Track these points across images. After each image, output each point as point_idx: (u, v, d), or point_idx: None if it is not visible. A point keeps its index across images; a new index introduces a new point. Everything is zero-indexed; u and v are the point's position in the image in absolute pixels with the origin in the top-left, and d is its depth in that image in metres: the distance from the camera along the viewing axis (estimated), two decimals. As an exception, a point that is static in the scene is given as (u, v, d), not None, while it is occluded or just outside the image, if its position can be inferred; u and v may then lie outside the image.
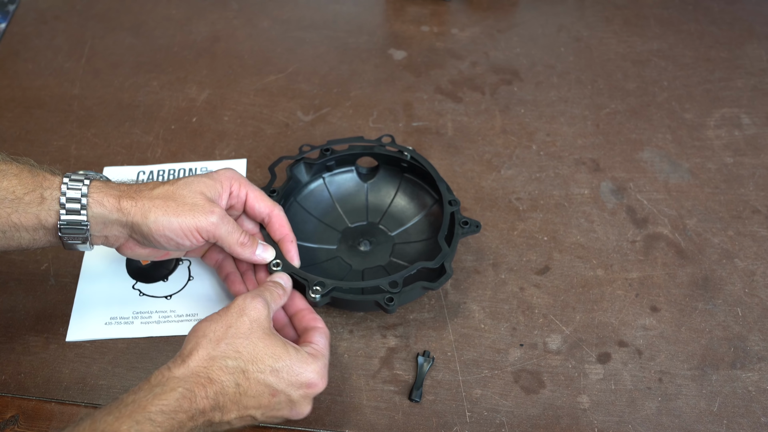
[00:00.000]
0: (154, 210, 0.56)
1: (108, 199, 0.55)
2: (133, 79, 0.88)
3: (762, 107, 0.84)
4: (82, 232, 0.56)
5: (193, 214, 0.56)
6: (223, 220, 0.58)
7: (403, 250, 0.70)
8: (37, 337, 0.65)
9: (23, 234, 0.55)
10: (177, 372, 0.49)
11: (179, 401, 0.48)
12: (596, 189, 0.77)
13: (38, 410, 0.61)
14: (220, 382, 0.50)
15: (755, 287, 0.69)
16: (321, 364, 0.54)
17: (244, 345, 0.51)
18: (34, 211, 0.54)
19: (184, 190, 0.57)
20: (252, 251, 0.61)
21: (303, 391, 0.53)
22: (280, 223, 0.63)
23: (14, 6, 0.98)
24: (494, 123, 0.83)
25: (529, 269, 0.70)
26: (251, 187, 0.62)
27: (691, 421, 0.60)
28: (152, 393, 0.48)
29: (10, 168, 0.55)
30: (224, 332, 0.52)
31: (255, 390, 0.51)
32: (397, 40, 0.93)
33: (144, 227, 0.56)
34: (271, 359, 0.51)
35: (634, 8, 0.97)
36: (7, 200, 0.53)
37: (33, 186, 0.54)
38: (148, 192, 0.57)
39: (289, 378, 0.52)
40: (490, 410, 0.61)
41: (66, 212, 0.55)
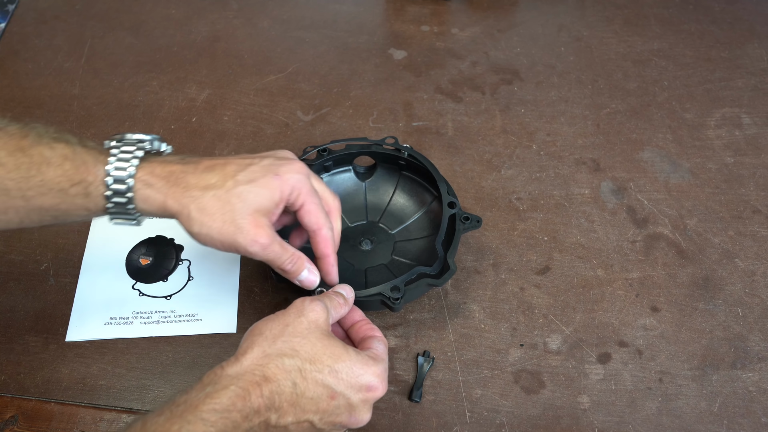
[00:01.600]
0: (200, 222, 0.53)
1: (154, 196, 0.54)
2: (133, 79, 0.88)
3: (762, 107, 0.84)
4: (131, 216, 0.55)
5: (236, 237, 0.53)
6: (265, 251, 0.55)
7: (404, 247, 0.70)
8: (36, 338, 0.65)
9: (74, 218, 0.56)
10: (230, 370, 0.47)
11: (232, 400, 0.46)
12: (596, 189, 0.77)
13: (38, 410, 0.61)
14: (276, 380, 0.47)
15: (756, 287, 0.69)
16: (381, 368, 0.52)
17: (302, 344, 0.49)
18: (81, 203, 0.54)
19: (236, 200, 0.54)
20: (293, 277, 0.58)
21: (363, 395, 0.50)
22: (324, 243, 0.59)
23: (14, 6, 0.98)
24: (494, 123, 0.83)
25: (530, 269, 0.70)
26: (310, 197, 0.58)
27: (691, 422, 0.60)
28: (204, 392, 0.46)
29: (54, 156, 0.53)
30: (281, 330, 0.50)
31: (313, 391, 0.49)
32: (397, 39, 0.93)
33: (188, 231, 0.54)
34: (330, 359, 0.49)
35: (634, 8, 0.97)
36: (53, 191, 0.53)
37: (77, 178, 0.53)
38: (198, 195, 0.53)
39: (348, 380, 0.50)
40: (491, 410, 0.61)
41: (113, 205, 0.54)
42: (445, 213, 0.65)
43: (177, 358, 0.64)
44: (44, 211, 0.54)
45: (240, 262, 0.71)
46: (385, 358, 0.53)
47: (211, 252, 0.71)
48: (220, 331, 0.66)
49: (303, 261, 0.58)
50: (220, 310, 0.67)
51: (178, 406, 0.46)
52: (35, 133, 0.54)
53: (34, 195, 0.53)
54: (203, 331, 0.66)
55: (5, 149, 0.52)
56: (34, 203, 0.53)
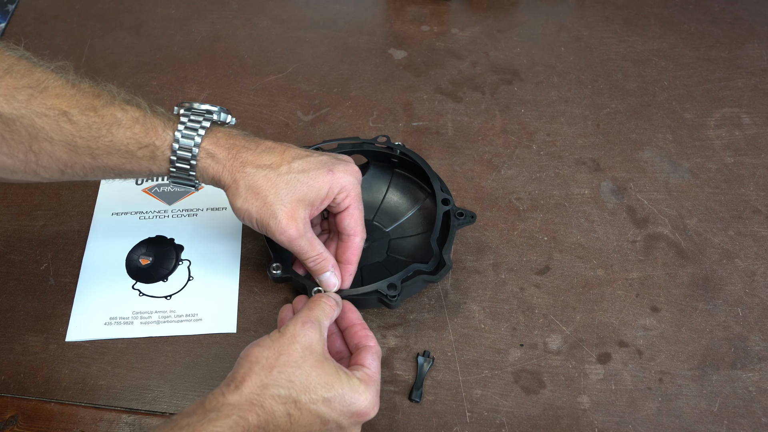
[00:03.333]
0: (244, 197, 0.56)
1: (213, 167, 0.57)
2: (133, 79, 0.88)
3: (762, 107, 0.84)
4: (190, 182, 0.58)
5: (269, 222, 0.56)
6: (294, 242, 0.57)
7: (399, 245, 0.70)
8: (36, 338, 0.65)
9: (137, 176, 0.59)
10: (231, 398, 0.48)
11: (233, 429, 0.47)
12: (596, 189, 0.77)
13: (38, 410, 0.61)
14: (272, 411, 0.49)
15: (756, 287, 0.69)
16: (373, 391, 0.52)
17: (297, 374, 0.50)
18: (146, 165, 0.57)
19: (284, 186, 0.56)
20: (317, 274, 0.60)
21: (354, 420, 0.52)
22: (352, 251, 0.61)
23: (14, 6, 0.98)
24: (494, 123, 0.83)
25: (530, 269, 0.70)
26: (356, 202, 0.60)
27: (691, 422, 0.60)
28: (207, 418, 0.47)
29: (125, 118, 0.55)
30: (276, 360, 0.50)
31: (306, 420, 0.50)
32: (397, 40, 0.93)
33: (231, 203, 0.57)
34: (324, 389, 0.50)
35: (634, 8, 0.97)
36: (121, 151, 0.55)
37: (145, 141, 0.55)
38: (251, 172, 0.56)
39: (341, 408, 0.51)
40: (490, 410, 0.61)
41: (176, 170, 0.57)
42: (439, 210, 0.65)
43: (177, 358, 0.64)
44: (109, 169, 0.56)
45: (240, 263, 0.71)
46: (377, 377, 0.54)
47: (211, 252, 0.71)
48: (220, 331, 0.66)
49: (328, 263, 0.60)
50: (220, 310, 0.67)
51: (181, 428, 0.47)
52: (108, 93, 0.56)
53: (102, 154, 0.55)
54: (203, 331, 0.66)
55: (78, 107, 0.54)
56: (101, 161, 0.55)
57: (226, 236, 0.73)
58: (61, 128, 0.53)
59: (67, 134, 0.54)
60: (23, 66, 0.53)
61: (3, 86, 0.52)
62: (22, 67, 0.53)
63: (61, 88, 0.54)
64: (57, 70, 0.55)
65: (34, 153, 0.54)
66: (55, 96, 0.53)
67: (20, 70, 0.53)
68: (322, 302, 0.56)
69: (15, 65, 0.53)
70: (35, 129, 0.53)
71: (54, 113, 0.53)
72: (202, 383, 0.63)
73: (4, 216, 0.75)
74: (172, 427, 0.47)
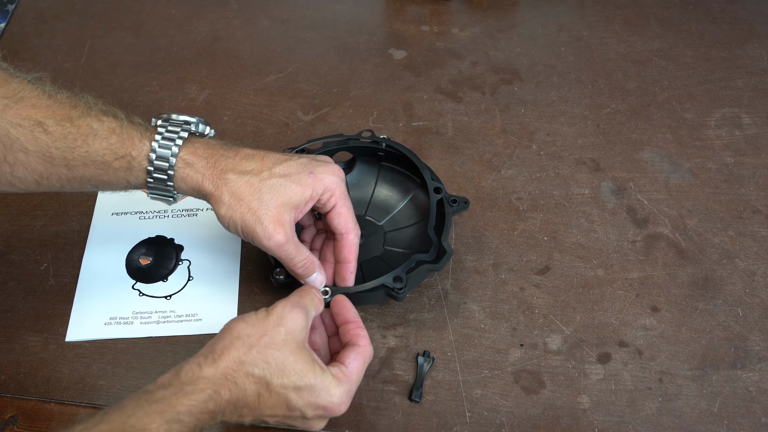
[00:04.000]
0: (228, 205, 0.56)
1: (193, 176, 0.56)
2: (133, 79, 0.88)
3: (762, 107, 0.84)
4: (168, 193, 0.58)
5: (255, 228, 0.56)
6: (282, 247, 0.57)
7: (395, 237, 0.70)
8: (36, 338, 0.65)
9: (114, 188, 0.58)
10: (207, 372, 0.49)
11: (206, 403, 0.47)
12: (596, 189, 0.77)
13: (38, 410, 0.61)
14: (244, 389, 0.49)
15: (756, 287, 0.69)
16: (344, 390, 0.53)
17: (275, 356, 0.50)
18: (123, 175, 0.56)
19: (267, 192, 0.56)
20: (303, 278, 0.60)
21: (318, 413, 0.52)
22: (348, 248, 0.61)
23: (14, 6, 0.98)
24: (494, 123, 0.83)
25: (530, 269, 0.70)
26: (342, 200, 0.60)
27: (691, 422, 0.60)
28: (182, 391, 0.47)
29: (101, 128, 0.55)
30: (258, 339, 0.51)
31: (273, 402, 0.51)
32: (397, 39, 0.93)
33: (216, 212, 0.57)
34: (296, 376, 0.51)
35: (634, 8, 0.97)
36: (98, 162, 0.55)
37: (122, 152, 0.55)
38: (233, 178, 0.56)
39: (308, 398, 0.51)
40: (490, 410, 0.61)
41: (153, 180, 0.56)
42: (432, 199, 0.65)
43: (177, 358, 0.64)
44: (85, 180, 0.56)
45: (240, 263, 0.71)
46: (354, 378, 0.54)
47: (211, 252, 0.71)
48: (220, 331, 0.66)
49: (314, 266, 0.60)
50: (220, 310, 0.67)
51: (156, 401, 0.47)
52: (85, 103, 0.56)
53: (78, 165, 0.55)
54: (203, 331, 0.66)
55: (54, 117, 0.53)
56: (77, 172, 0.55)
57: (226, 236, 0.73)
58: (36, 139, 0.53)
59: (42, 145, 0.53)
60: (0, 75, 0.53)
61: None
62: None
63: (37, 99, 0.54)
64: (34, 81, 0.55)
65: (9, 164, 0.54)
66: (30, 106, 0.53)
67: None
68: (312, 293, 0.57)
69: None
70: (10, 139, 0.53)
71: (29, 123, 0.53)
72: (202, 383, 0.63)
73: (4, 216, 0.75)
74: (147, 399, 0.47)
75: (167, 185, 0.56)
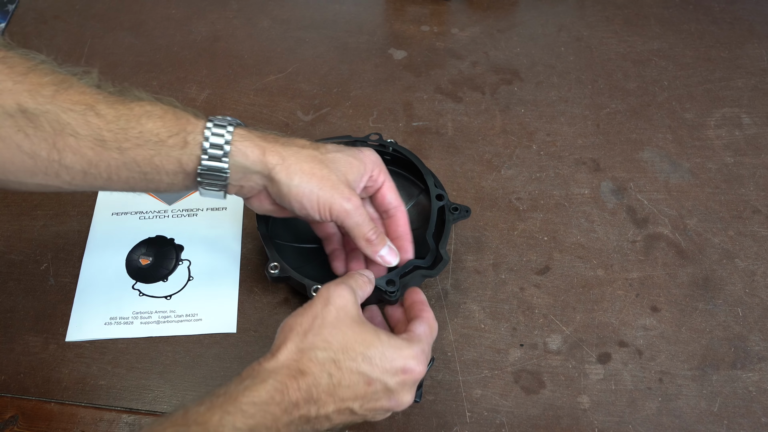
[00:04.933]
0: (300, 174, 0.54)
1: (253, 149, 0.54)
2: (133, 79, 0.88)
3: (762, 107, 0.84)
4: (221, 179, 0.54)
5: (333, 193, 0.55)
6: (357, 210, 0.56)
7: None
8: (36, 338, 0.65)
9: (163, 177, 0.54)
10: (267, 366, 0.48)
11: (270, 393, 0.46)
12: (596, 189, 0.77)
13: (38, 410, 0.61)
14: (312, 374, 0.48)
15: (756, 287, 0.69)
16: (417, 349, 0.51)
17: (333, 334, 0.49)
18: (176, 155, 0.53)
19: (331, 164, 0.55)
20: (375, 250, 0.58)
21: (400, 378, 0.50)
22: (404, 221, 0.62)
23: (14, 6, 0.98)
24: (494, 123, 0.83)
25: (529, 269, 0.70)
26: (388, 176, 0.61)
27: (691, 422, 0.60)
28: (243, 385, 0.47)
29: (155, 109, 0.53)
30: (311, 324, 0.50)
31: (349, 379, 0.49)
32: (397, 40, 0.93)
33: (285, 188, 0.54)
34: (362, 346, 0.49)
35: (634, 8, 0.97)
36: (151, 142, 0.53)
37: (177, 129, 0.53)
38: (296, 151, 0.55)
39: (383, 365, 0.50)
40: (490, 410, 0.61)
41: (208, 158, 0.53)
42: (433, 206, 0.65)
43: (177, 358, 0.64)
44: (136, 165, 0.53)
45: (240, 263, 0.71)
46: (423, 339, 0.53)
47: (211, 252, 0.71)
48: (220, 331, 0.66)
49: (385, 237, 0.59)
50: (220, 310, 0.67)
51: (218, 397, 0.46)
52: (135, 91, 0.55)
53: (130, 147, 0.52)
54: (203, 331, 0.66)
55: (105, 102, 0.52)
56: (129, 155, 0.53)
57: (226, 236, 0.73)
58: (88, 122, 0.51)
59: (95, 128, 0.52)
60: (46, 66, 0.53)
61: (27, 82, 0.50)
62: (46, 67, 0.53)
63: (85, 87, 0.53)
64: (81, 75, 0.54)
65: (58, 150, 0.52)
66: (80, 93, 0.52)
67: (44, 69, 0.52)
68: (355, 275, 0.57)
69: (39, 65, 0.52)
70: (60, 124, 0.51)
71: (81, 108, 0.51)
72: (202, 383, 0.63)
73: (4, 216, 0.75)
74: (209, 398, 0.46)
75: (222, 161, 0.53)
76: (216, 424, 0.44)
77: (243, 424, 0.44)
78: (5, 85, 0.50)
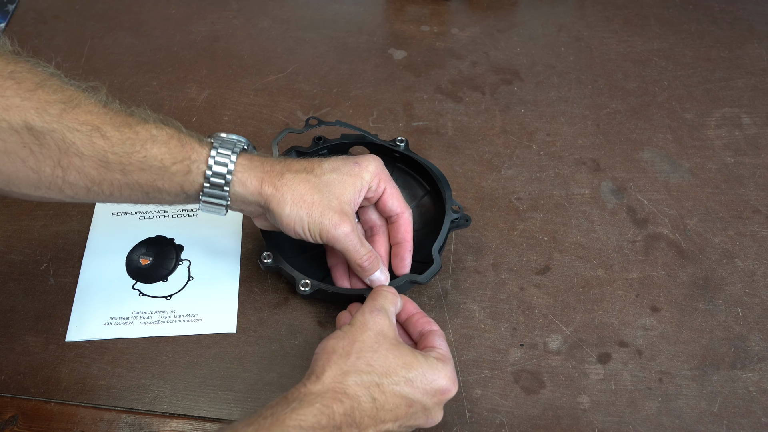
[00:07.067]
0: (291, 204, 0.56)
1: (251, 180, 0.56)
2: (133, 79, 0.88)
3: (762, 107, 0.84)
4: (222, 204, 0.57)
5: (322, 220, 0.56)
6: (347, 237, 0.57)
7: None
8: (36, 338, 0.65)
9: (164, 197, 0.57)
10: (313, 388, 0.49)
11: (317, 417, 0.47)
12: (596, 189, 0.77)
13: (37, 410, 0.61)
14: (356, 397, 0.49)
15: (756, 287, 0.69)
16: (450, 369, 0.53)
17: (375, 358, 0.51)
18: (179, 181, 0.56)
19: (324, 188, 0.57)
20: (366, 275, 0.61)
21: (437, 399, 0.52)
22: (405, 227, 0.63)
23: (14, 6, 0.98)
24: (494, 123, 0.83)
25: (529, 269, 0.70)
26: (390, 183, 0.62)
27: (691, 422, 0.60)
28: (290, 407, 0.47)
29: (160, 134, 0.55)
30: (351, 346, 0.51)
31: (392, 403, 0.50)
32: (397, 40, 0.93)
33: (278, 216, 0.57)
34: (404, 369, 0.51)
35: (634, 8, 0.97)
36: (154, 167, 0.54)
37: (181, 156, 0.55)
38: (290, 178, 0.57)
39: (423, 387, 0.51)
40: (490, 410, 0.61)
41: (210, 186, 0.56)
42: (447, 217, 0.65)
43: (177, 358, 0.64)
44: (139, 186, 0.55)
45: (240, 263, 0.71)
46: (450, 356, 0.55)
47: (211, 252, 0.71)
48: (220, 331, 0.66)
49: (378, 261, 0.61)
50: (220, 310, 0.67)
51: (265, 418, 0.47)
52: (142, 112, 0.56)
53: (134, 170, 0.54)
54: (203, 331, 0.66)
55: (111, 124, 0.53)
56: (132, 178, 0.54)
57: (226, 236, 0.73)
58: (93, 143, 0.52)
59: (99, 150, 0.53)
60: (55, 82, 0.53)
61: (35, 99, 0.51)
62: (54, 83, 0.53)
63: (93, 106, 0.53)
64: (88, 90, 0.55)
65: (62, 168, 0.53)
66: (87, 113, 0.53)
67: (52, 86, 0.52)
68: (383, 292, 0.58)
69: (47, 80, 0.52)
70: (66, 144, 0.52)
71: (87, 129, 0.52)
72: (202, 383, 0.63)
73: (4, 216, 0.75)
74: (256, 419, 0.47)
75: (224, 191, 0.56)
76: None
77: None
78: (13, 101, 0.50)
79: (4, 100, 0.50)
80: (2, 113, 0.50)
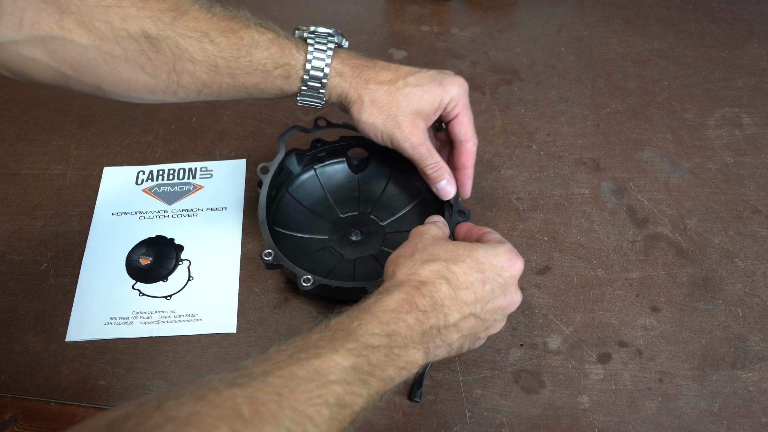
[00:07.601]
0: (369, 111, 0.61)
1: (341, 84, 0.61)
2: (133, 79, 0.88)
3: (762, 107, 0.84)
4: (316, 103, 0.63)
5: (394, 130, 0.61)
6: (416, 148, 0.62)
7: (394, 239, 0.70)
8: (36, 338, 0.65)
9: (266, 95, 0.62)
10: (389, 284, 0.51)
11: (399, 303, 0.49)
12: (596, 189, 0.77)
13: (38, 410, 0.61)
14: (431, 282, 0.51)
15: (756, 287, 0.69)
16: (509, 246, 0.56)
17: (438, 249, 0.53)
18: (279, 84, 0.60)
19: (402, 99, 0.61)
20: (432, 182, 0.64)
21: (508, 273, 0.54)
22: (467, 155, 0.65)
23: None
24: (494, 123, 0.83)
25: (529, 269, 0.70)
26: (465, 110, 0.64)
27: (691, 422, 0.60)
28: (374, 298, 0.50)
29: (262, 39, 0.58)
30: (413, 249, 0.54)
31: (465, 281, 0.52)
32: (397, 39, 0.93)
33: (355, 120, 0.62)
34: (467, 251, 0.53)
35: (634, 8, 0.97)
36: (259, 71, 0.59)
37: (282, 61, 0.59)
38: (374, 88, 0.61)
39: (489, 262, 0.53)
40: (491, 410, 0.61)
41: (307, 88, 0.61)
42: (453, 220, 0.65)
43: (177, 358, 0.64)
44: (244, 88, 0.60)
45: (240, 263, 0.71)
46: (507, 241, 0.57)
47: (211, 252, 0.71)
48: (220, 331, 0.66)
49: (444, 171, 0.64)
50: (220, 310, 0.67)
51: (353, 309, 0.49)
52: (243, 16, 0.59)
53: (240, 74, 0.59)
54: (203, 331, 0.66)
55: (217, 29, 0.57)
56: (239, 81, 0.59)
57: (226, 236, 0.73)
58: (203, 49, 0.56)
59: (209, 55, 0.57)
60: None
61: (148, 8, 0.54)
62: None
63: (198, 12, 0.56)
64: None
65: (177, 73, 0.57)
66: (194, 19, 0.56)
67: None
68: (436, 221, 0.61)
69: None
70: (179, 50, 0.56)
71: (197, 35, 0.56)
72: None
73: (4, 216, 0.75)
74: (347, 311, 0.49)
75: (319, 93, 0.61)
76: (355, 328, 0.47)
77: (380, 330, 0.47)
78: (129, 11, 0.53)
79: (122, 11, 0.53)
80: (121, 23, 0.53)
